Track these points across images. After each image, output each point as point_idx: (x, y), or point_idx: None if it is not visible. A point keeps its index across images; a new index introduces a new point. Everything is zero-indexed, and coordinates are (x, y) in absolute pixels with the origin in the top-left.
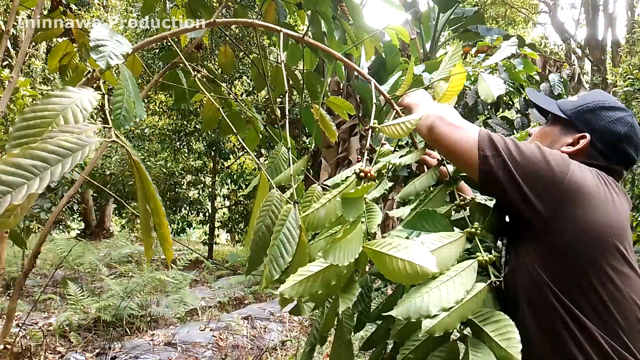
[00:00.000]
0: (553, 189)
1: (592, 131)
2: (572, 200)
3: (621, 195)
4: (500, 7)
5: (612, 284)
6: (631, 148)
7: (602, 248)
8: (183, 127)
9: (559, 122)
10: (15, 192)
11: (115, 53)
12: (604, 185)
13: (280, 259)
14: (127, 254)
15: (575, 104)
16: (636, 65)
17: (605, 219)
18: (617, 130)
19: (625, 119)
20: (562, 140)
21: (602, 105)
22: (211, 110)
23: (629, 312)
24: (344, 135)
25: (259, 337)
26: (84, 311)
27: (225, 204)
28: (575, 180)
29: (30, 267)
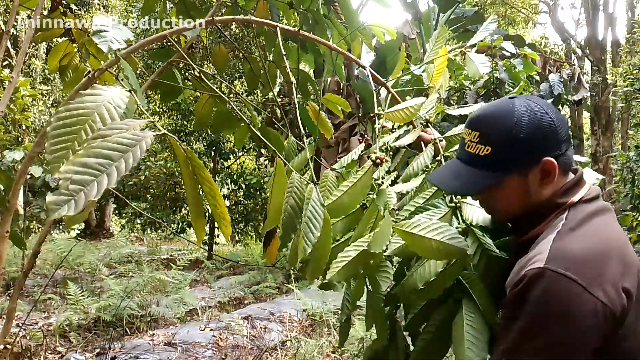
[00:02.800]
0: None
1: (536, 150)
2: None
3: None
4: (500, 7)
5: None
6: (555, 125)
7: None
8: (183, 127)
9: (503, 175)
10: (88, 189)
11: (117, 38)
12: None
13: (310, 234)
14: (127, 254)
15: (495, 141)
16: (636, 65)
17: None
18: (545, 126)
19: (534, 112)
20: (532, 184)
21: (511, 131)
22: (204, 108)
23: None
24: (343, 135)
25: (259, 337)
26: (84, 311)
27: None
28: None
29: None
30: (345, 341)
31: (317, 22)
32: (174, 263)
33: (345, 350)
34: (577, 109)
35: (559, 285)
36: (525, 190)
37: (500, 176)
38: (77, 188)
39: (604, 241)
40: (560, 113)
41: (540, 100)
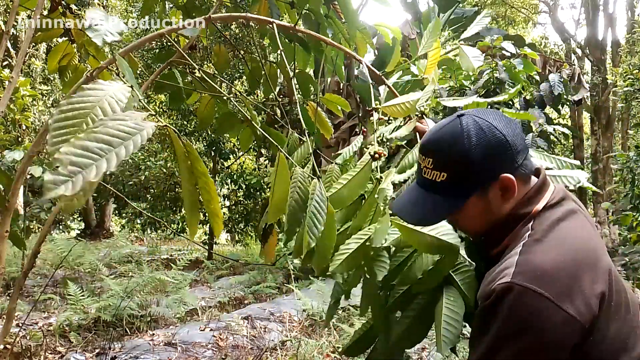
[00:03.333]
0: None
1: (491, 169)
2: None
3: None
4: (500, 7)
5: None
6: (509, 140)
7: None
8: (183, 127)
9: (466, 194)
10: (86, 172)
11: (111, 31)
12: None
13: (315, 228)
14: (127, 254)
15: (453, 165)
16: (636, 65)
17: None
18: (496, 143)
19: (482, 129)
20: (493, 201)
21: (461, 154)
22: (206, 109)
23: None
24: (343, 135)
25: (259, 337)
26: (84, 311)
27: (225, 204)
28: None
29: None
30: (331, 320)
31: (319, 21)
32: (174, 263)
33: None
34: (577, 109)
35: (527, 300)
36: (487, 208)
37: (460, 201)
38: (75, 169)
39: (572, 250)
40: (512, 121)
41: (489, 114)
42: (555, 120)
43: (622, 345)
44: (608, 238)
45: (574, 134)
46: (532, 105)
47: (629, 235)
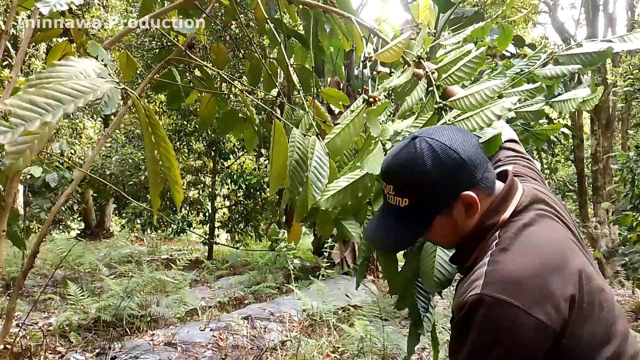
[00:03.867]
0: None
1: (450, 189)
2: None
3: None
4: (500, 7)
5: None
6: (467, 160)
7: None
8: (183, 127)
9: (430, 213)
10: (28, 124)
11: (61, 2)
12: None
13: (318, 182)
14: (127, 254)
15: (413, 189)
16: (636, 65)
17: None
18: (452, 163)
19: (438, 147)
20: (458, 218)
21: (419, 177)
22: (207, 108)
23: None
24: None
25: (259, 337)
26: (84, 311)
27: (225, 204)
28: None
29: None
30: (361, 280)
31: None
32: (174, 263)
33: (345, 350)
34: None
35: (498, 310)
36: (454, 225)
37: (427, 223)
38: (17, 122)
39: (539, 255)
40: (467, 136)
41: (443, 132)
42: (555, 120)
43: (598, 343)
44: (608, 238)
45: (574, 134)
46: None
47: (629, 235)
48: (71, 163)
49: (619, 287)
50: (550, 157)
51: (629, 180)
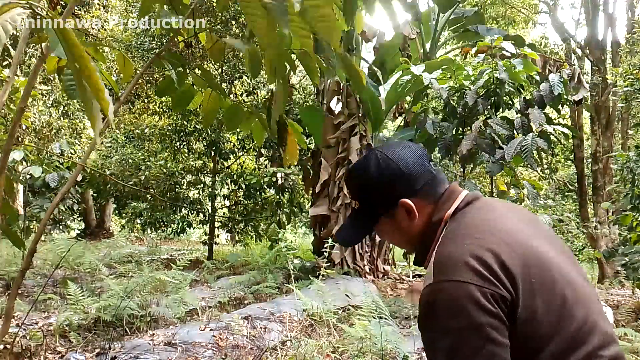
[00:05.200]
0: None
1: (389, 196)
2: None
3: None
4: (500, 7)
5: None
6: (408, 170)
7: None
8: (183, 127)
9: (374, 217)
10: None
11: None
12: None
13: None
14: (127, 254)
15: (362, 195)
16: (636, 65)
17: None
18: (391, 174)
19: (378, 161)
20: (402, 221)
21: (363, 185)
22: (209, 104)
23: None
24: (344, 135)
25: (259, 337)
26: (84, 311)
27: (225, 204)
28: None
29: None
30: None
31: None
32: (174, 263)
33: (345, 350)
34: (577, 109)
35: (445, 292)
36: (398, 227)
37: (372, 223)
38: None
39: (473, 230)
40: (414, 152)
41: (395, 147)
42: (555, 120)
43: (555, 322)
44: (608, 238)
45: (574, 134)
46: (532, 105)
47: (629, 235)
48: (72, 160)
49: (619, 287)
50: (550, 157)
51: (629, 180)
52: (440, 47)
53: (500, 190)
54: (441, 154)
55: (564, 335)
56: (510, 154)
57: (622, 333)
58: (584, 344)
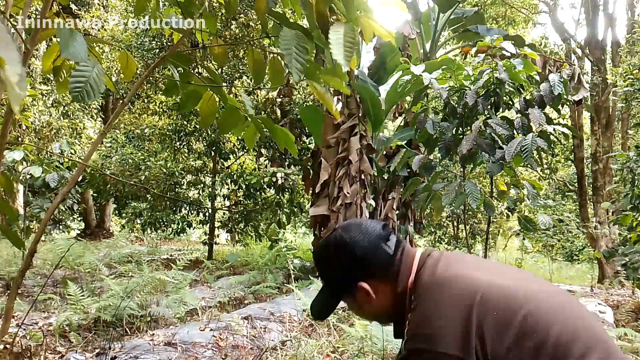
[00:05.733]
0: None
1: (345, 279)
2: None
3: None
4: (500, 7)
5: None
6: (368, 250)
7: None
8: (183, 127)
9: (337, 296)
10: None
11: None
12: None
13: None
14: (127, 254)
15: (329, 274)
16: (636, 65)
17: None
18: (342, 262)
19: (341, 246)
20: (362, 300)
21: (324, 266)
22: (208, 106)
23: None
24: (344, 135)
25: (259, 337)
26: (84, 311)
27: (225, 204)
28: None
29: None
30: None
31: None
32: (174, 263)
33: (345, 350)
34: (577, 109)
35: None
36: (362, 304)
37: (336, 301)
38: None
39: (439, 299)
40: (370, 235)
41: (352, 229)
42: (555, 120)
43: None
44: (608, 238)
45: (574, 134)
46: (532, 105)
47: (629, 235)
48: (73, 160)
49: (619, 287)
50: (550, 157)
51: (629, 180)
52: (440, 47)
53: (501, 190)
54: (441, 154)
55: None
56: (510, 154)
57: (622, 333)
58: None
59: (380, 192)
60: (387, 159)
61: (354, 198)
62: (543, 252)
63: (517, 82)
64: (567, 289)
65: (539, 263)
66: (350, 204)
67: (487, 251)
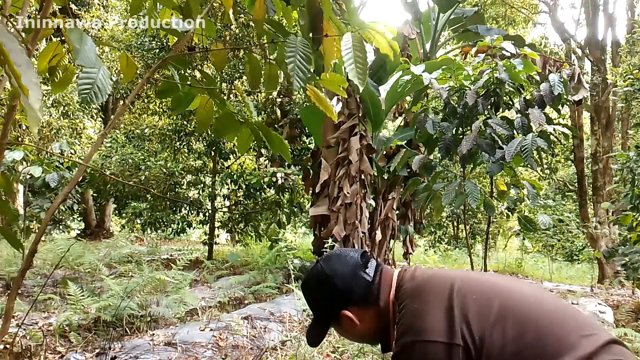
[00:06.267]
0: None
1: (329, 308)
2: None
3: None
4: (500, 7)
5: None
6: (349, 282)
7: None
8: (183, 127)
9: (325, 324)
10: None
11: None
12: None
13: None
14: (127, 254)
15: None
16: (636, 65)
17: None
18: (326, 292)
19: (323, 281)
20: (349, 326)
21: (309, 298)
22: (205, 110)
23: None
24: (344, 135)
25: (259, 337)
26: (84, 311)
27: (225, 204)
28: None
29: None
30: None
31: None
32: (174, 263)
33: (345, 350)
34: (577, 109)
35: (408, 351)
36: (350, 330)
37: (325, 329)
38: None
39: (421, 297)
40: (349, 260)
41: (333, 260)
42: (555, 120)
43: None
44: (608, 238)
45: (574, 134)
46: (532, 105)
47: (629, 235)
48: (73, 160)
49: (619, 287)
50: (550, 157)
51: (629, 180)
52: (440, 47)
53: (501, 190)
54: (441, 154)
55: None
56: (510, 154)
57: (622, 333)
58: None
59: (380, 192)
60: (387, 159)
61: (354, 198)
62: (543, 252)
63: (517, 82)
64: (567, 289)
65: (539, 263)
66: (350, 204)
67: (487, 251)
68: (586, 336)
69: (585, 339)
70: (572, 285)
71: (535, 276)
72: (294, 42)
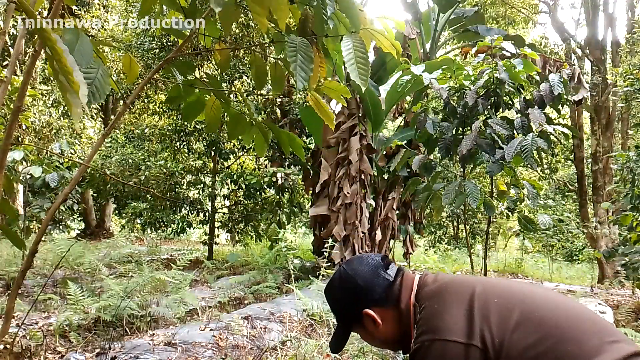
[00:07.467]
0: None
1: (352, 308)
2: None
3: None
4: (500, 7)
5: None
6: (369, 283)
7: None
8: (183, 127)
9: (348, 327)
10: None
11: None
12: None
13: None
14: (127, 254)
15: (337, 310)
16: (636, 65)
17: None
18: (351, 289)
19: (344, 281)
20: (371, 327)
21: (332, 300)
22: (212, 112)
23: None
24: (344, 135)
25: (259, 337)
26: (84, 311)
27: (225, 204)
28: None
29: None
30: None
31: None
32: (174, 263)
33: (345, 350)
34: (577, 109)
35: (427, 348)
36: (372, 331)
37: (348, 332)
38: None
39: (443, 297)
40: (370, 261)
41: (355, 262)
42: (555, 120)
43: (533, 344)
44: (608, 238)
45: (574, 134)
46: (532, 105)
47: (629, 235)
48: (73, 160)
49: (619, 287)
50: (550, 157)
51: (629, 180)
52: (440, 47)
53: (501, 190)
54: (441, 154)
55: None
56: (510, 154)
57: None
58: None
59: (380, 192)
60: (387, 159)
61: (354, 198)
62: (543, 252)
63: (517, 82)
64: (567, 289)
65: (539, 263)
66: (350, 204)
67: (487, 251)
68: (610, 342)
69: (609, 345)
70: (572, 285)
71: (535, 276)
72: (294, 41)
